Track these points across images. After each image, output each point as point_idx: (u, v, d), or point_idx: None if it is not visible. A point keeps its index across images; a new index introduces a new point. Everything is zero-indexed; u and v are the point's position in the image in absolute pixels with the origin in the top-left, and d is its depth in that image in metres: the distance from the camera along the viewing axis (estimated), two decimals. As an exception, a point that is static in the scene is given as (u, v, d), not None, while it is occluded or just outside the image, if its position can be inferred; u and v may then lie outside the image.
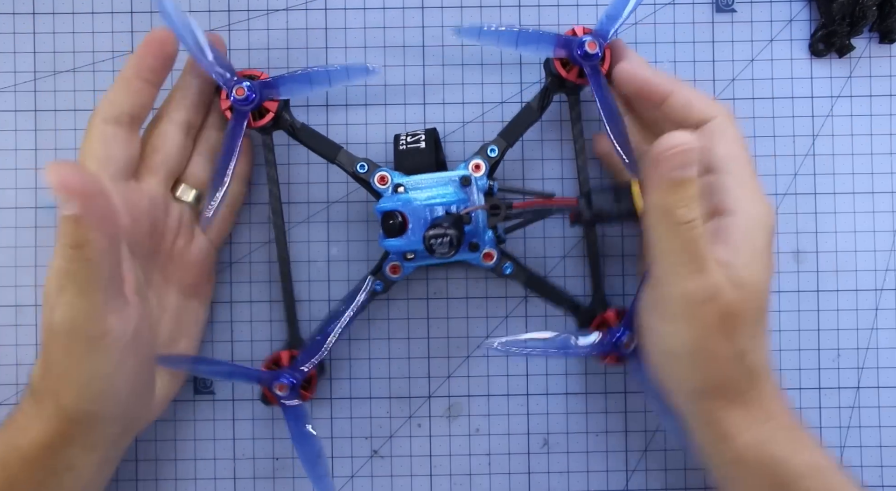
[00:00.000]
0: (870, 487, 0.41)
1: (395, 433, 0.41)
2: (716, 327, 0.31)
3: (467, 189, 0.36)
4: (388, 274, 0.38)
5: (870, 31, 0.41)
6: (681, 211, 0.30)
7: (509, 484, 0.41)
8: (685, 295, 0.31)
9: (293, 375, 0.36)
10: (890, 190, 0.41)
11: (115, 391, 0.31)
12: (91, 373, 0.30)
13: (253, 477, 0.41)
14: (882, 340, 0.41)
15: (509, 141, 0.38)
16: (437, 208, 0.35)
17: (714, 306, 0.31)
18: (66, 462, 0.32)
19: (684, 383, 0.33)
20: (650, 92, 0.35)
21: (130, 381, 0.32)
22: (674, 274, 0.31)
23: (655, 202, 0.30)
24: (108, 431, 0.33)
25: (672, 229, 0.30)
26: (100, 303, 0.29)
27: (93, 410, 0.31)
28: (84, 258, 0.28)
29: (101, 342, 0.30)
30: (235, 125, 0.36)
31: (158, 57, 0.34)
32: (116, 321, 0.30)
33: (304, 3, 0.41)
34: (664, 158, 0.30)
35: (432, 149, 0.37)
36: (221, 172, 0.35)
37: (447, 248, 0.33)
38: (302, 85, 0.37)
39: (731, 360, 0.32)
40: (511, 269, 0.38)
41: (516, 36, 0.37)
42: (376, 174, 0.37)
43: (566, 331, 0.37)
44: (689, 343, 0.31)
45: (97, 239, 0.28)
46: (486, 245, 0.37)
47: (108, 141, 0.33)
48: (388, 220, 0.35)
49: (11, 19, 0.41)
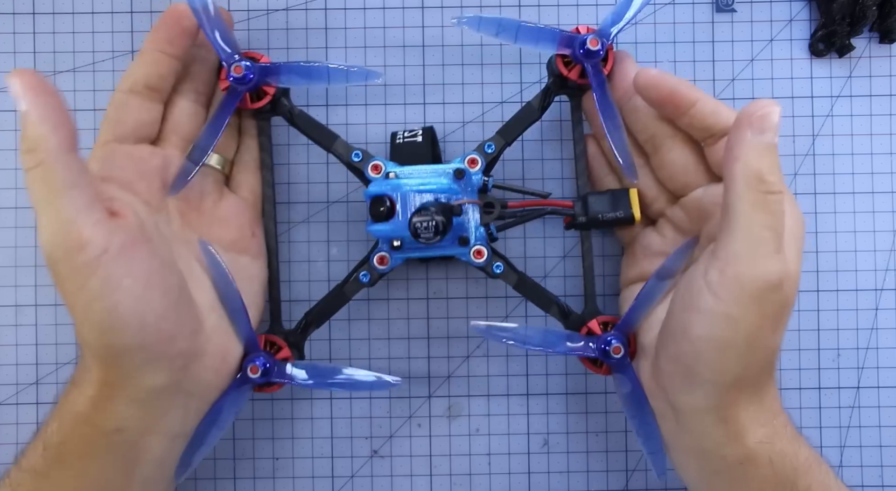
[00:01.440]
0: (870, 487, 0.41)
1: (395, 433, 0.41)
2: (773, 318, 0.30)
3: (461, 182, 0.36)
4: (375, 264, 0.37)
5: (870, 31, 0.41)
6: (772, 177, 0.28)
7: (509, 484, 0.41)
8: (764, 276, 0.29)
9: (268, 360, 0.35)
10: (890, 190, 0.41)
11: (118, 316, 0.29)
12: (89, 294, 0.29)
13: (253, 477, 0.41)
14: (882, 340, 0.41)
15: (507, 139, 0.37)
16: (427, 196, 0.35)
17: (780, 295, 0.29)
18: (114, 420, 0.31)
19: (720, 375, 0.31)
20: (679, 97, 0.33)
21: (132, 306, 0.29)
22: (755, 252, 0.29)
23: (746, 166, 0.29)
24: (148, 378, 0.31)
25: (761, 200, 0.29)
26: (69, 210, 0.28)
27: (114, 343, 0.30)
28: (38, 162, 0.28)
29: (81, 255, 0.28)
30: (227, 102, 0.36)
31: (174, 29, 0.35)
32: (94, 233, 0.28)
33: (304, 3, 0.41)
34: (757, 118, 0.28)
35: (429, 143, 0.37)
36: (201, 146, 0.35)
37: (432, 233, 0.32)
38: (300, 76, 0.36)
39: (770, 354, 0.31)
40: (501, 268, 0.37)
41: (517, 28, 0.36)
42: (370, 163, 0.36)
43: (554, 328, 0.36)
44: (746, 331, 0.30)
45: (47, 136, 0.28)
46: (478, 242, 0.36)
47: (120, 106, 0.34)
48: (377, 205, 0.34)
49: (11, 19, 0.41)
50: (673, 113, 0.34)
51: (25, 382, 0.41)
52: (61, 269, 0.29)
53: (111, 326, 0.29)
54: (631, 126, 0.37)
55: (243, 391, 0.35)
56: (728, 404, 0.31)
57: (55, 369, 0.41)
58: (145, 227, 0.32)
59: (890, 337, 0.41)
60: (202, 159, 0.35)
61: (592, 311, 0.38)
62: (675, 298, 0.33)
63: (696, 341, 0.31)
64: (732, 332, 0.30)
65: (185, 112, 0.36)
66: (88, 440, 0.31)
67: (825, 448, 0.41)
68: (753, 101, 0.29)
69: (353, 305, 0.41)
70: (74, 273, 0.29)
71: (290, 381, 0.36)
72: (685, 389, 0.32)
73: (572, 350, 0.36)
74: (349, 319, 0.41)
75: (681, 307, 0.32)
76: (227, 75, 0.35)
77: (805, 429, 0.41)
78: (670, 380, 0.33)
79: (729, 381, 0.31)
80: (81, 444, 0.31)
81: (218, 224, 0.37)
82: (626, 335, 0.36)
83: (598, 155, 0.39)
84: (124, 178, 0.34)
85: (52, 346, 0.41)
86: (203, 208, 0.37)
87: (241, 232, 0.38)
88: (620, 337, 0.35)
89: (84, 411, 0.31)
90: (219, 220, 0.37)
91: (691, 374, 0.31)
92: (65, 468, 0.32)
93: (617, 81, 0.36)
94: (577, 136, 0.38)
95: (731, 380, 0.31)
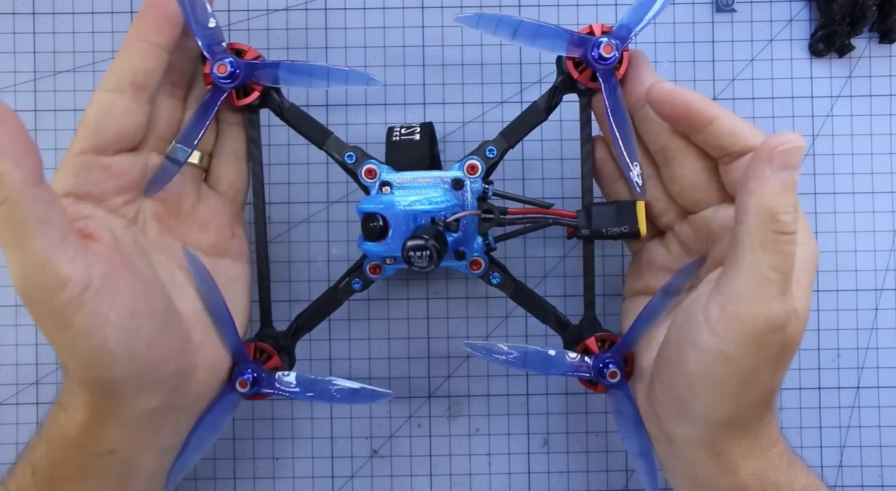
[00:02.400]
0: (870, 487, 0.41)
1: (395, 433, 0.41)
2: (773, 358, 0.29)
3: (459, 194, 0.34)
4: (367, 274, 0.36)
5: (870, 31, 0.41)
6: (786, 218, 0.27)
7: (509, 484, 0.41)
8: (766, 318, 0.28)
9: (257, 371, 0.34)
10: (890, 190, 0.41)
11: (107, 351, 0.28)
12: (74, 333, 0.27)
13: (253, 477, 0.41)
14: (882, 340, 0.41)
15: (510, 142, 0.35)
16: (421, 216, 0.33)
17: (781, 336, 0.28)
18: (106, 443, 0.30)
19: (712, 411, 0.30)
20: (695, 115, 0.31)
21: (120, 339, 0.28)
22: (759, 292, 0.28)
23: (761, 204, 0.27)
24: (140, 403, 0.30)
25: (772, 240, 0.27)
26: (41, 249, 0.26)
27: (104, 377, 0.28)
28: (2, 199, 0.25)
29: (63, 294, 0.26)
30: (210, 100, 0.34)
31: (160, 16, 0.32)
32: (73, 269, 0.27)
33: (304, 3, 0.41)
34: (778, 153, 0.27)
35: (426, 142, 0.35)
36: (183, 146, 0.33)
37: (426, 262, 0.31)
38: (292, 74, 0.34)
39: (767, 393, 0.30)
40: (499, 279, 0.36)
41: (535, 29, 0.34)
42: (364, 166, 0.35)
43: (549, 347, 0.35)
44: (742, 371, 0.29)
45: (8, 171, 0.25)
46: (475, 252, 0.35)
47: (102, 111, 0.31)
48: (369, 222, 0.33)
49: (11, 19, 0.41)
50: (688, 130, 0.32)
51: (25, 382, 0.41)
52: (40, 309, 0.27)
53: (100, 361, 0.28)
54: (642, 135, 0.35)
55: (232, 401, 0.34)
56: (720, 439, 0.31)
57: (55, 369, 0.41)
58: (123, 247, 0.30)
59: (890, 337, 0.41)
60: (184, 160, 0.33)
61: (591, 321, 0.37)
62: (673, 328, 0.31)
63: (690, 376, 0.30)
64: (728, 370, 0.29)
65: (163, 109, 0.34)
66: (81, 463, 0.30)
67: (825, 448, 0.41)
68: (777, 133, 0.28)
69: (353, 305, 0.41)
70: (56, 313, 0.27)
71: (279, 393, 0.35)
72: (678, 421, 0.31)
73: (568, 371, 0.35)
74: (349, 319, 0.41)
75: (678, 339, 0.31)
76: (212, 73, 0.33)
77: (805, 429, 0.41)
78: (663, 409, 0.32)
79: (722, 417, 0.30)
80: (74, 466, 0.30)
81: (197, 227, 0.35)
82: (624, 356, 0.34)
83: (608, 160, 0.37)
84: (99, 193, 0.31)
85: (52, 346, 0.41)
86: (181, 212, 0.35)
87: (220, 234, 0.36)
88: (617, 359, 0.34)
89: (74, 436, 0.30)
90: (198, 224, 0.35)
91: (684, 407, 0.31)
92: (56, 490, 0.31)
93: (630, 87, 0.34)
94: (585, 137, 0.36)
95: (723, 417, 0.30)
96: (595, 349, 0.35)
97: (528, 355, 0.35)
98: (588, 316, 0.36)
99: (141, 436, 0.31)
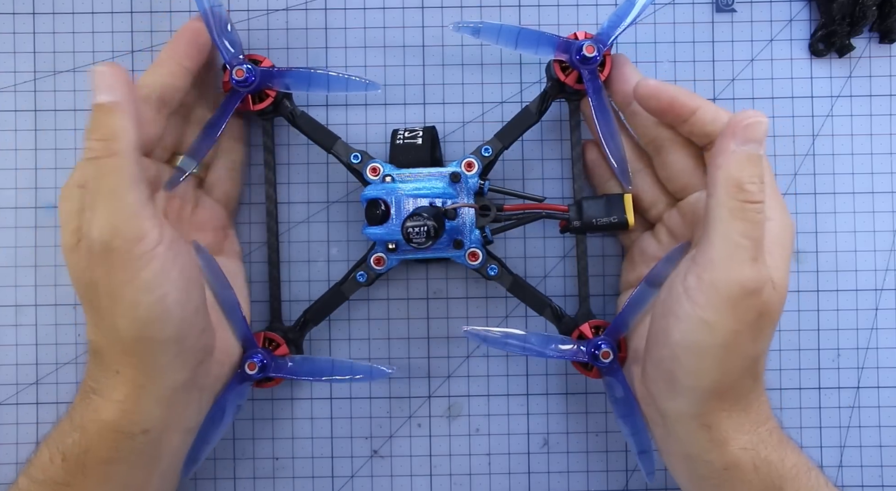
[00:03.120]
0: (870, 487, 0.41)
1: (395, 433, 0.41)
2: (751, 325, 0.30)
3: (456, 185, 0.37)
4: (372, 265, 0.38)
5: (870, 31, 0.41)
6: (752, 187, 0.29)
7: (509, 484, 0.41)
8: (739, 282, 0.29)
9: (266, 356, 0.36)
10: (890, 190, 0.41)
11: (165, 307, 0.30)
12: (138, 284, 0.30)
13: (253, 477, 0.41)
14: (882, 340, 0.41)
15: (505, 142, 0.38)
16: (421, 200, 0.35)
17: (757, 301, 0.30)
18: (140, 423, 0.32)
19: (699, 380, 0.31)
20: (680, 106, 0.33)
21: (177, 297, 0.31)
22: (731, 258, 0.30)
23: (727, 175, 0.30)
24: (174, 374, 0.32)
25: (740, 209, 0.29)
26: (134, 203, 0.29)
27: (155, 337, 0.30)
28: (112, 152, 0.29)
29: (140, 245, 0.29)
30: (228, 103, 0.37)
31: (192, 42, 0.36)
32: (152, 226, 0.30)
33: (304, 3, 0.41)
34: (743, 127, 0.29)
35: (428, 146, 0.37)
36: (203, 144, 0.36)
37: (423, 238, 0.33)
38: (300, 82, 0.37)
39: (750, 362, 0.31)
40: (496, 271, 0.37)
41: (516, 34, 0.36)
42: (369, 165, 0.37)
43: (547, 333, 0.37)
44: (722, 336, 0.30)
45: (129, 130, 0.29)
46: (472, 244, 0.37)
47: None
48: (372, 208, 0.35)
49: (11, 19, 0.41)
50: (673, 122, 0.34)
51: (25, 382, 0.41)
52: (116, 259, 0.29)
53: (157, 318, 0.30)
54: (632, 130, 0.37)
55: (244, 386, 0.36)
56: (710, 411, 0.32)
57: (55, 369, 0.41)
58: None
59: (890, 337, 0.41)
60: (202, 156, 0.36)
61: (586, 313, 0.39)
62: (657, 304, 0.33)
63: (675, 347, 0.31)
64: (709, 337, 0.30)
65: (172, 124, 0.36)
66: (115, 445, 0.32)
67: (825, 448, 0.41)
68: (741, 110, 0.30)
69: (353, 305, 0.41)
70: (129, 263, 0.29)
71: (287, 375, 0.37)
72: (668, 395, 0.33)
73: (563, 354, 0.36)
74: (349, 319, 0.41)
75: (661, 312, 0.32)
76: (230, 78, 0.36)
77: (805, 429, 0.41)
78: (655, 385, 0.33)
79: (708, 386, 0.31)
80: (107, 449, 0.32)
81: (196, 230, 0.37)
82: (616, 340, 0.36)
83: (600, 161, 0.39)
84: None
85: (52, 346, 0.41)
86: (182, 216, 0.37)
87: (216, 235, 0.38)
88: (610, 342, 0.36)
89: (111, 418, 0.31)
90: (196, 227, 0.37)
91: (672, 379, 0.32)
92: (88, 476, 0.32)
93: (616, 86, 0.37)
94: (575, 139, 0.39)
95: (709, 385, 0.31)
96: (589, 335, 0.37)
97: (526, 339, 0.37)
98: (583, 308, 0.39)
99: (171, 413, 0.33)
